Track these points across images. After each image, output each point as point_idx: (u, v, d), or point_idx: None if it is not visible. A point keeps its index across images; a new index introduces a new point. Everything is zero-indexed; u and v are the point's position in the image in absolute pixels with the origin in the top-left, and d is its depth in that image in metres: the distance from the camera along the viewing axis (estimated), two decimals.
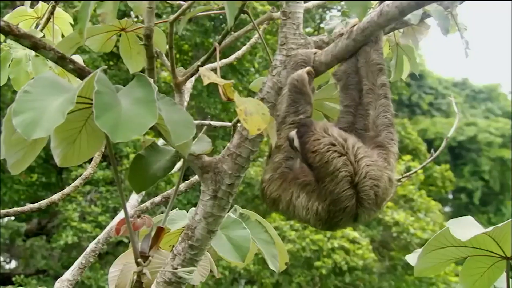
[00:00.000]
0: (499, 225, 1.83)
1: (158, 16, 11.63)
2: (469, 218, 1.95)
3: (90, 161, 3.20)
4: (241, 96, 1.71)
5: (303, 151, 1.99)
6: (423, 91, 29.24)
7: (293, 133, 2.03)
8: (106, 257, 13.02)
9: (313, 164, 1.97)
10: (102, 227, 11.71)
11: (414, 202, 15.14)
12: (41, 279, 13.08)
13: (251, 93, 2.49)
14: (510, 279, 2.01)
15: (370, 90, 2.18)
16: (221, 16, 13.03)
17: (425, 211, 15.34)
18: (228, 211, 2.21)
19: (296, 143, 2.01)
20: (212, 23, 13.39)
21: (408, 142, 18.01)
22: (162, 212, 2.21)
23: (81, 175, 3.27)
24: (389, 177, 2.01)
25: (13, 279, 12.64)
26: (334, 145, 1.95)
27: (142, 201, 3.60)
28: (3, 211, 3.09)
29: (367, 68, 2.18)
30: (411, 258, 2.07)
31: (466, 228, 1.86)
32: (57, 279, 3.13)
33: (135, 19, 2.47)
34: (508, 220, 1.84)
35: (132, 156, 12.47)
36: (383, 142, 2.09)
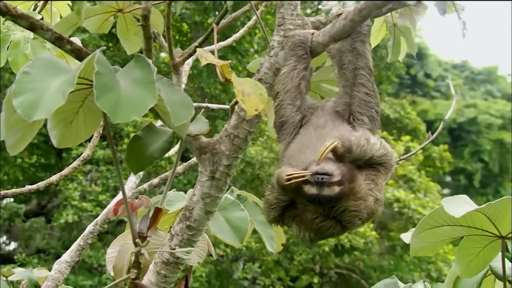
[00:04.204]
0: (492, 202, 1.83)
1: None
2: (464, 196, 1.95)
3: (90, 140, 3.21)
4: (241, 76, 1.71)
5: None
6: (428, 68, 28.98)
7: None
8: (106, 236, 13.08)
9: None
10: (102, 206, 11.75)
11: (414, 182, 15.15)
12: (42, 258, 13.16)
13: (250, 74, 2.49)
14: (506, 259, 2.02)
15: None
16: None
17: (425, 191, 15.36)
18: (226, 192, 2.22)
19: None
20: (212, 1, 13.29)
21: (408, 122, 17.89)
22: (161, 192, 2.23)
23: (81, 154, 3.28)
24: (375, 198, 2.07)
25: (15, 257, 12.71)
26: None
27: (142, 181, 3.61)
28: (2, 192, 3.10)
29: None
30: (406, 237, 2.08)
31: (461, 206, 1.86)
32: (58, 258, 3.16)
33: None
34: (502, 198, 1.83)
35: (132, 135, 12.40)
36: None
